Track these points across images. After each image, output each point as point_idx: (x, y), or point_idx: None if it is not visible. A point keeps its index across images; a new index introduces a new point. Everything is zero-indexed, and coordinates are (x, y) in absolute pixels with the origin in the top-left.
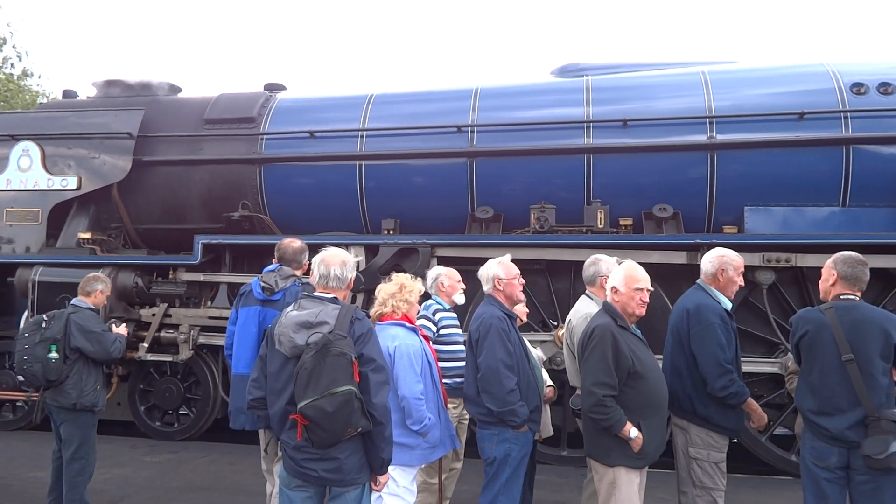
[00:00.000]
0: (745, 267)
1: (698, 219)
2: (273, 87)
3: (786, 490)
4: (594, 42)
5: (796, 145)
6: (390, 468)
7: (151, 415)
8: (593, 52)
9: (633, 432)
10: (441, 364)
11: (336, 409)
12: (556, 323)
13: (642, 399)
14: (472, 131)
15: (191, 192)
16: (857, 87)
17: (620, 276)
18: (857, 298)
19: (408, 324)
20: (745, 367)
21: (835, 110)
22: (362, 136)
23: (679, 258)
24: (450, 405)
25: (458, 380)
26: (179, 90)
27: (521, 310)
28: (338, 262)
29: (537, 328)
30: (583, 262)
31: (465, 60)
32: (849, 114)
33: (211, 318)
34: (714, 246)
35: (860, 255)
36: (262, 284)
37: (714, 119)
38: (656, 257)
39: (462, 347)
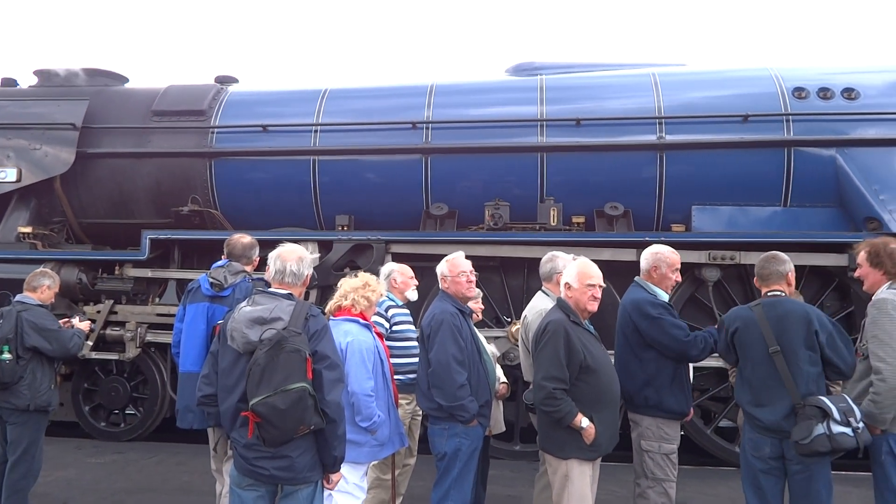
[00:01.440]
0: (693, 264)
1: (648, 217)
2: (224, 80)
3: (729, 480)
4: (548, 42)
5: (741, 147)
6: (341, 466)
7: (96, 415)
8: (547, 51)
9: (584, 422)
10: (394, 360)
11: (289, 406)
12: (509, 319)
13: (594, 393)
14: (427, 128)
15: (138, 186)
16: (799, 92)
17: (573, 273)
18: (782, 293)
19: (361, 320)
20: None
21: (777, 113)
22: (316, 131)
23: (629, 255)
24: (402, 401)
25: (412, 376)
26: (126, 80)
27: (476, 306)
28: (294, 258)
29: (491, 324)
30: (537, 258)
31: (419, 57)
32: (790, 117)
33: (159, 315)
34: (664, 244)
35: (777, 253)
36: (211, 280)
37: (663, 120)
38: (607, 255)
39: (415, 343)
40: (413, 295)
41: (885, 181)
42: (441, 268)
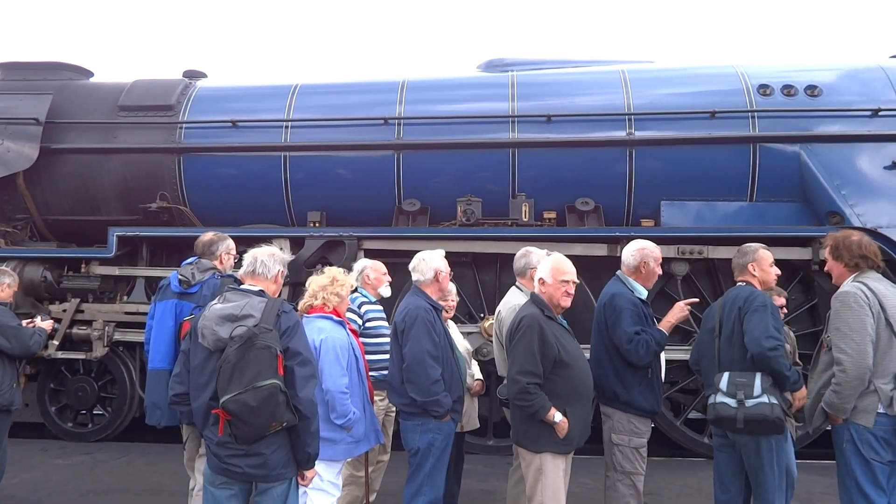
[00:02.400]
0: (662, 258)
1: (618, 212)
2: (193, 75)
3: (698, 471)
4: (518, 38)
5: (708, 143)
6: (316, 463)
7: (63, 415)
8: (518, 48)
9: (558, 416)
10: (367, 357)
11: (260, 403)
12: (482, 314)
13: (568, 387)
14: (399, 124)
15: (104, 183)
16: (764, 89)
17: (547, 269)
18: (743, 283)
19: (335, 317)
20: (662, 355)
21: (743, 110)
22: (287, 127)
23: (600, 250)
24: (376, 398)
25: (385, 372)
26: (91, 74)
27: (450, 304)
28: (266, 253)
29: (464, 320)
30: (509, 254)
31: (390, 53)
32: (756, 114)
33: (127, 313)
34: (633, 239)
35: (743, 245)
36: (180, 277)
37: (633, 116)
38: (578, 249)
39: (388, 340)
40: (386, 291)
41: (846, 176)
42: (433, 264)
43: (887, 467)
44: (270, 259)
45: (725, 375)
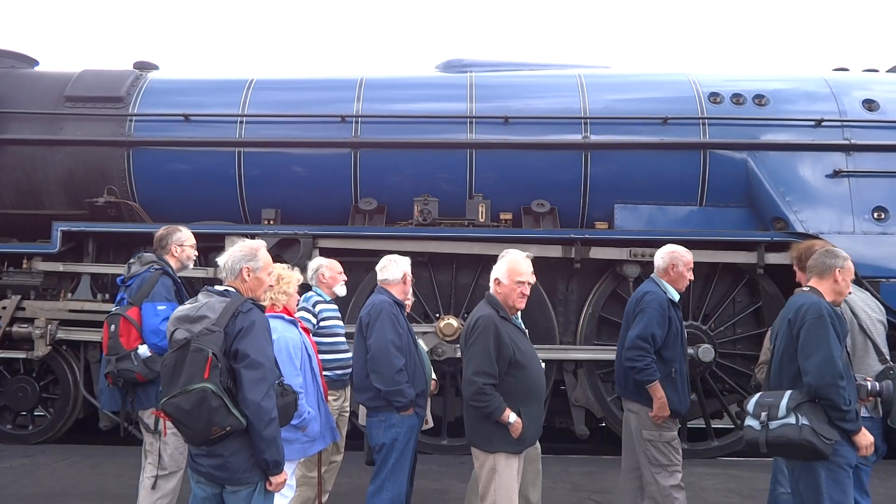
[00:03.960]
0: (614, 261)
1: (573, 214)
2: (144, 66)
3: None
4: (477, 39)
5: (660, 148)
6: None
7: (2, 417)
8: (476, 49)
9: (512, 417)
10: (322, 356)
11: (192, 406)
12: (438, 314)
13: (522, 387)
14: (357, 122)
15: (49, 175)
16: (714, 97)
17: (504, 269)
18: (808, 289)
19: (287, 316)
20: (613, 355)
21: (694, 117)
22: (242, 122)
23: (555, 252)
24: (330, 397)
25: (339, 372)
26: (36, 63)
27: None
28: (230, 252)
29: (419, 320)
30: (465, 254)
31: (347, 51)
32: (706, 121)
33: (71, 311)
34: (587, 240)
35: (829, 248)
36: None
37: (588, 120)
38: (534, 251)
39: (343, 339)
40: (341, 290)
41: (790, 184)
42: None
43: (870, 468)
44: (231, 258)
45: (755, 396)
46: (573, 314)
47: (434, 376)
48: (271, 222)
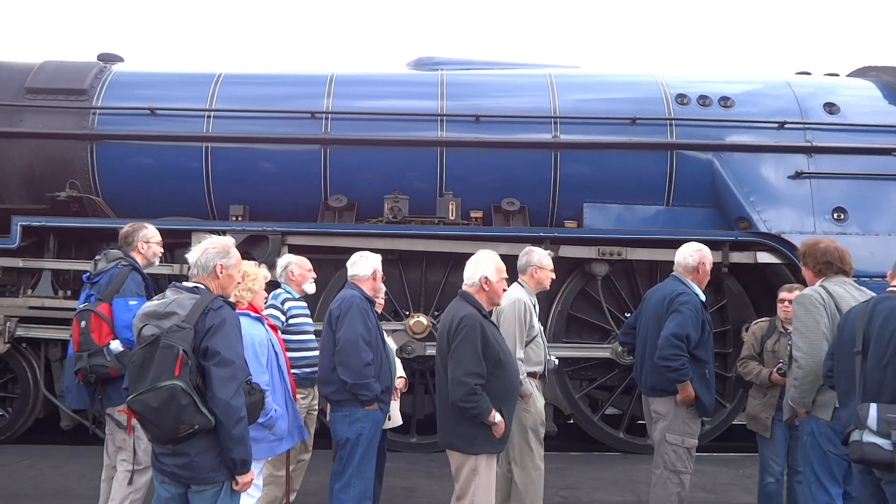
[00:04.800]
0: (583, 259)
1: (543, 213)
2: (108, 58)
3: (615, 465)
4: (448, 38)
5: (629, 148)
6: None
7: None
8: (447, 47)
9: (497, 417)
10: (290, 354)
11: (160, 404)
12: (407, 312)
13: (504, 386)
14: (327, 118)
15: (8, 169)
16: (681, 98)
17: (492, 267)
18: None
19: (253, 313)
20: (581, 353)
21: (662, 118)
22: (209, 117)
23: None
24: (299, 396)
25: (308, 370)
26: None
27: (379, 301)
28: (202, 248)
29: (389, 317)
30: (435, 252)
31: (316, 47)
32: (674, 122)
33: (31, 308)
34: (557, 239)
35: None
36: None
37: (558, 119)
38: (504, 249)
39: (312, 337)
40: (310, 288)
41: (754, 184)
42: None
43: (844, 461)
44: (204, 255)
45: (873, 409)
46: (542, 312)
47: (404, 374)
48: (239, 218)
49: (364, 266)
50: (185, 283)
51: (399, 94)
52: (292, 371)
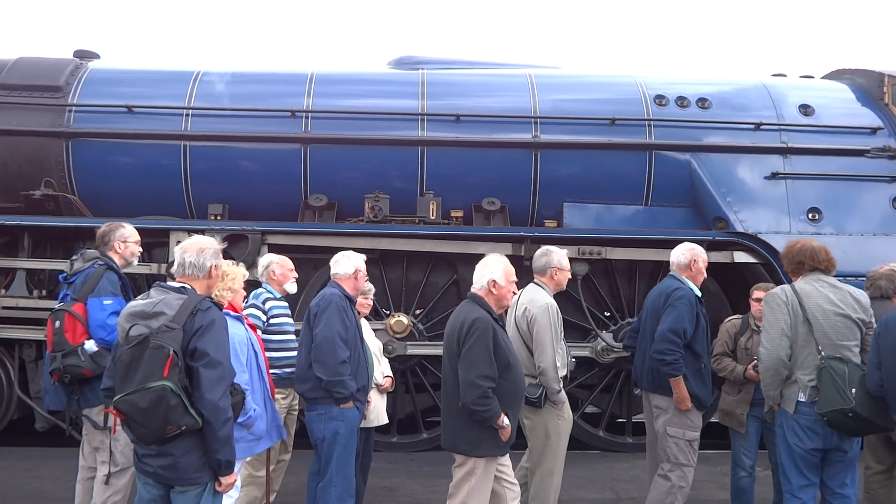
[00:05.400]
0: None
1: (523, 212)
2: (84, 55)
3: (593, 463)
4: (428, 37)
5: (608, 148)
6: None
7: None
8: (428, 46)
9: (505, 420)
10: (271, 354)
11: (149, 405)
12: (388, 312)
13: (512, 390)
14: (307, 117)
15: None
16: (660, 99)
17: (500, 271)
18: None
19: (233, 312)
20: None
21: (641, 118)
22: (188, 115)
23: (505, 249)
24: (279, 396)
25: (289, 370)
26: None
27: (368, 302)
28: (195, 248)
29: (370, 317)
30: (416, 251)
31: (296, 45)
32: (652, 122)
33: (5, 308)
34: (537, 238)
35: None
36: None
37: (539, 119)
38: (484, 248)
39: (293, 337)
40: (292, 288)
41: (731, 185)
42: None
43: (812, 455)
44: (198, 255)
45: None
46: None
47: (390, 373)
48: (218, 217)
49: (346, 265)
50: (170, 283)
51: (380, 94)
52: (273, 371)
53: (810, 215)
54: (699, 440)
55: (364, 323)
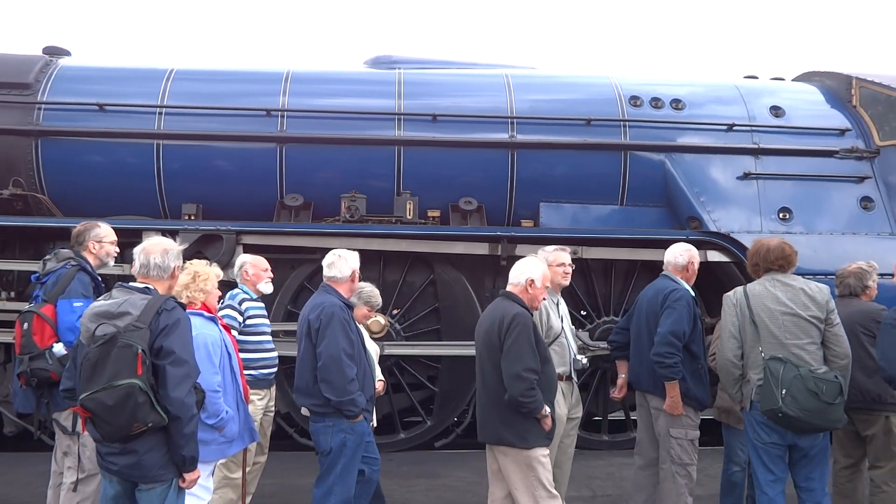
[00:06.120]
0: None
1: (500, 212)
2: (54, 52)
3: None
4: (405, 36)
5: (584, 148)
6: None
7: None
8: (404, 46)
9: (548, 410)
10: (248, 355)
11: (117, 402)
12: None
13: (549, 381)
14: (283, 116)
15: None
16: (634, 100)
17: (540, 273)
18: None
19: (206, 313)
20: None
21: (616, 119)
22: (161, 114)
23: (481, 249)
24: (255, 397)
25: (265, 371)
26: None
27: (368, 315)
28: (159, 250)
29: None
30: (393, 251)
31: (271, 44)
32: (627, 123)
33: None
34: (514, 238)
35: None
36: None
37: (515, 120)
38: (461, 248)
39: (269, 338)
40: (266, 288)
41: (704, 185)
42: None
43: (773, 449)
44: (163, 257)
45: None
46: None
47: (381, 377)
48: (192, 217)
49: (342, 267)
50: (133, 284)
51: (356, 93)
52: (250, 372)
53: (781, 215)
54: (698, 439)
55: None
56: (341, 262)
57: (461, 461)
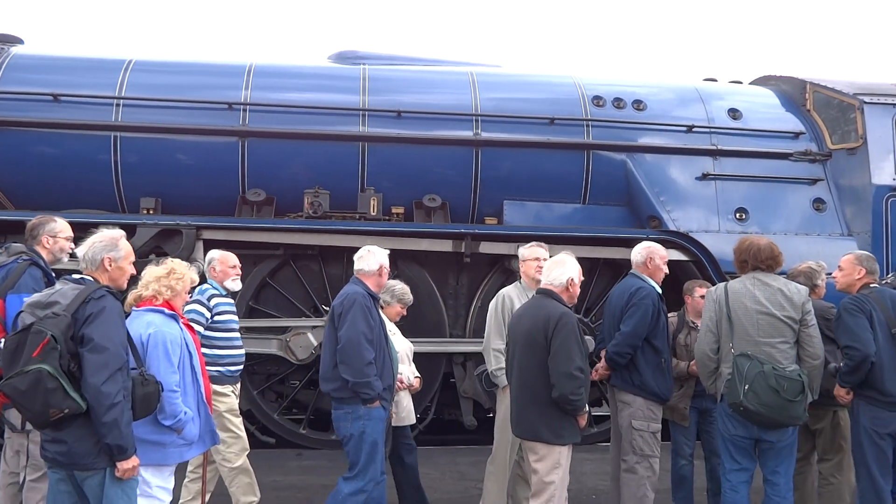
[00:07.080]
0: (503, 256)
1: (464, 209)
2: (6, 40)
3: (458, 457)
4: (368, 31)
5: (547, 147)
6: (142, 469)
7: None
8: (369, 41)
9: (587, 408)
10: (216, 352)
11: (27, 387)
12: (328, 308)
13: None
14: (245, 110)
15: None
16: (598, 100)
17: (577, 271)
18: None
19: (167, 310)
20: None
21: (579, 119)
22: (118, 105)
23: (445, 246)
24: (221, 397)
25: (234, 368)
26: None
27: (401, 311)
28: (90, 242)
29: (309, 314)
30: (356, 248)
31: (232, 35)
32: (590, 123)
33: None
34: (477, 235)
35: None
36: None
37: (480, 117)
38: (425, 245)
39: (238, 335)
40: (234, 285)
41: (664, 185)
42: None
43: (740, 441)
44: (90, 249)
45: None
46: (462, 308)
47: (417, 373)
48: (151, 212)
49: (370, 261)
50: (73, 276)
51: (320, 88)
52: (218, 368)
53: (738, 215)
54: (660, 432)
55: (396, 331)
56: (370, 257)
57: (426, 457)
